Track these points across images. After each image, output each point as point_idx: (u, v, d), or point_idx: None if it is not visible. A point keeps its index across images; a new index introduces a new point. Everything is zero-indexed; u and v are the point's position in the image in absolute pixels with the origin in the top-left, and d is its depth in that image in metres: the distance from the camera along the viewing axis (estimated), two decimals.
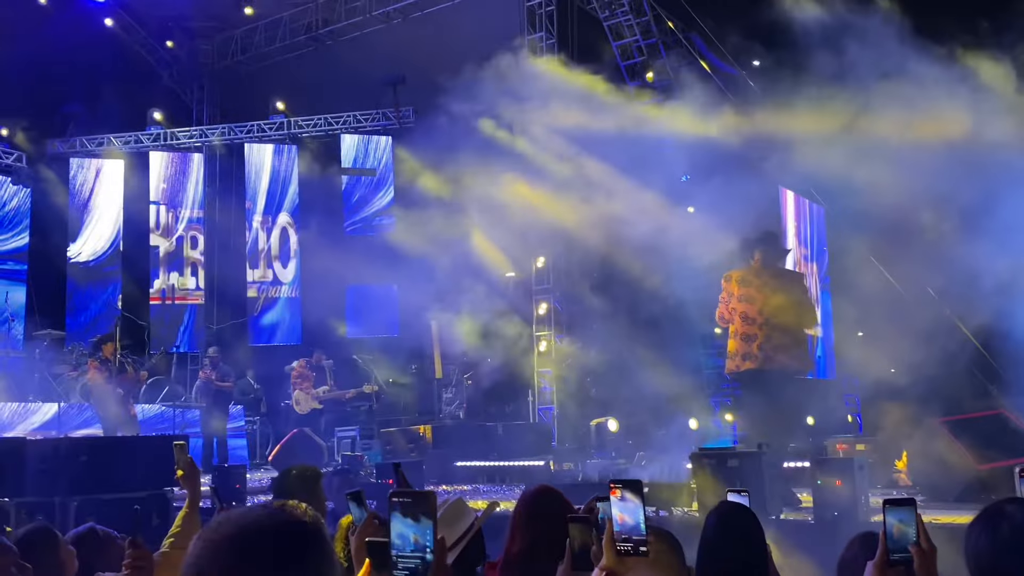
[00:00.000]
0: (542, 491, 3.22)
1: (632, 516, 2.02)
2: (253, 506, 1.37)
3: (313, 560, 1.34)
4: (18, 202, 16.20)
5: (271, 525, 1.33)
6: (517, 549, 3.01)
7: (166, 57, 18.31)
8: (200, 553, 1.29)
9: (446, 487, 9.25)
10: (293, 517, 1.36)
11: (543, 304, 14.18)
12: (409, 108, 16.20)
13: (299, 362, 12.60)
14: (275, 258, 16.87)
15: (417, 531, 1.59)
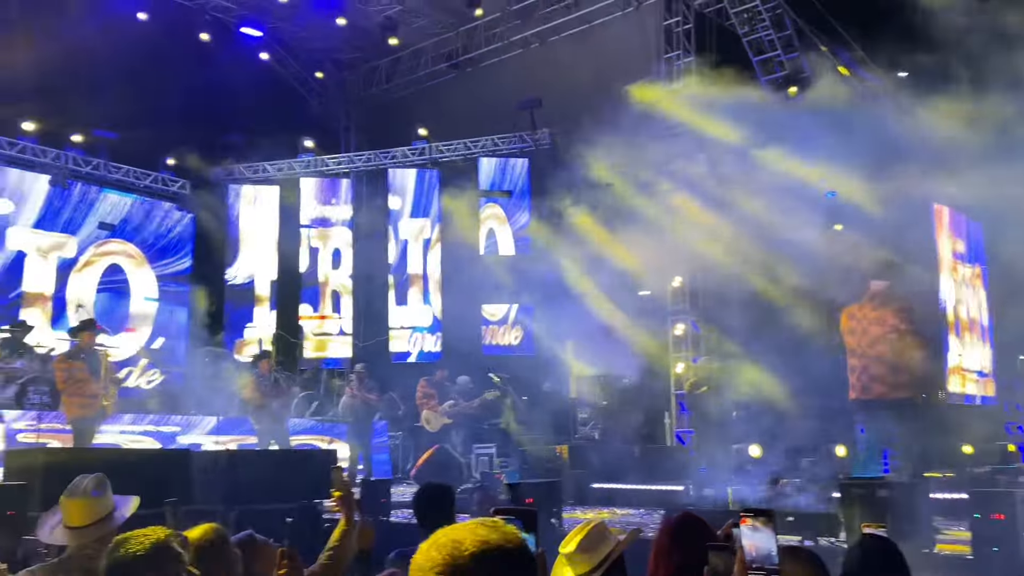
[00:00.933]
0: (686, 517, 3.21)
1: (764, 544, 2.04)
2: (477, 521, 1.45)
3: (531, 572, 1.41)
4: (182, 228, 17.34)
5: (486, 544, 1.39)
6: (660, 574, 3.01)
7: (316, 87, 19.28)
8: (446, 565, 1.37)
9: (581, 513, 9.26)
10: (513, 537, 1.42)
11: (680, 325, 14.02)
12: (545, 130, 16.43)
13: (421, 382, 12.74)
14: (424, 280, 17.41)
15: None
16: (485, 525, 1.42)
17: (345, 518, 3.66)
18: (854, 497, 6.24)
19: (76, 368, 8.61)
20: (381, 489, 7.93)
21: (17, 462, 6.88)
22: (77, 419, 8.61)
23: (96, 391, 8.56)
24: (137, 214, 16.63)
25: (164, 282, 16.81)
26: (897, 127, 10.21)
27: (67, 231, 15.59)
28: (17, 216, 14.94)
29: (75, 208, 15.78)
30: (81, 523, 3.59)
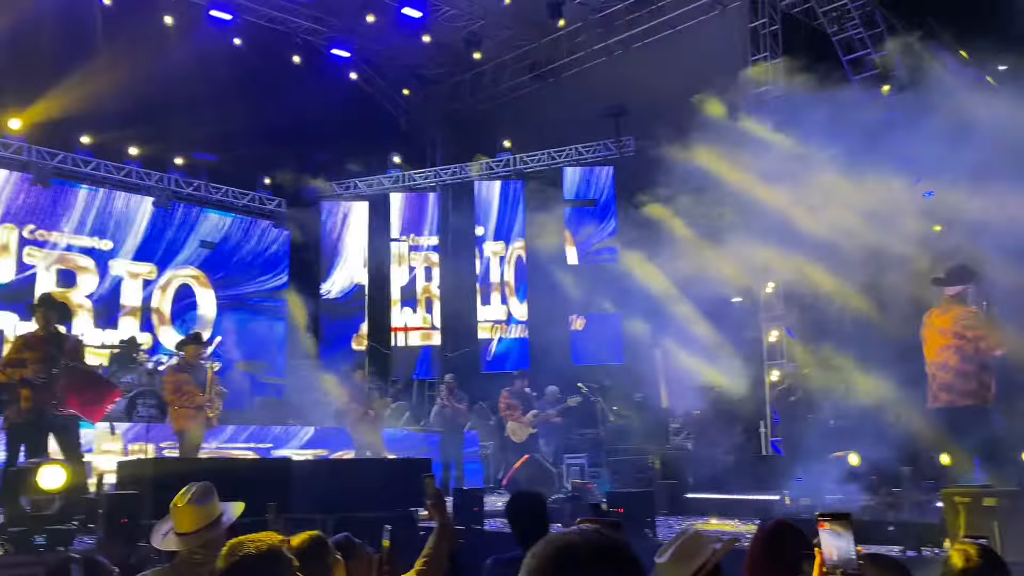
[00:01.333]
0: (780, 526, 3.17)
1: (842, 549, 2.05)
2: (571, 529, 1.49)
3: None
4: (278, 245, 17.95)
5: (595, 546, 1.42)
6: None
7: (403, 104, 19.68)
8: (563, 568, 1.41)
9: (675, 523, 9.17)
10: (612, 540, 1.45)
11: (774, 331, 13.75)
12: (630, 137, 16.36)
13: (503, 394, 12.73)
14: (504, 287, 17.56)
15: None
16: (597, 530, 1.47)
17: (439, 525, 3.73)
18: (958, 506, 6.01)
19: (183, 381, 8.98)
20: (474, 498, 8.00)
21: (129, 472, 7.21)
22: (184, 430, 8.98)
23: (202, 403, 8.92)
24: (236, 232, 17.32)
25: (262, 297, 17.43)
26: (999, 121, 9.80)
27: (170, 250, 16.34)
28: (121, 243, 15.71)
29: (178, 228, 16.52)
30: (189, 529, 3.76)
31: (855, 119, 11.61)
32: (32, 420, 7.14)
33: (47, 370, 7.20)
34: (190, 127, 15.31)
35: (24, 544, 5.52)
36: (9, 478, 6.01)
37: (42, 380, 7.15)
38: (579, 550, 1.41)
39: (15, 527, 5.64)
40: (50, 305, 7.72)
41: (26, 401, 7.14)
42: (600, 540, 1.43)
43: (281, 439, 12.41)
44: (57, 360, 7.30)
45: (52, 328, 7.51)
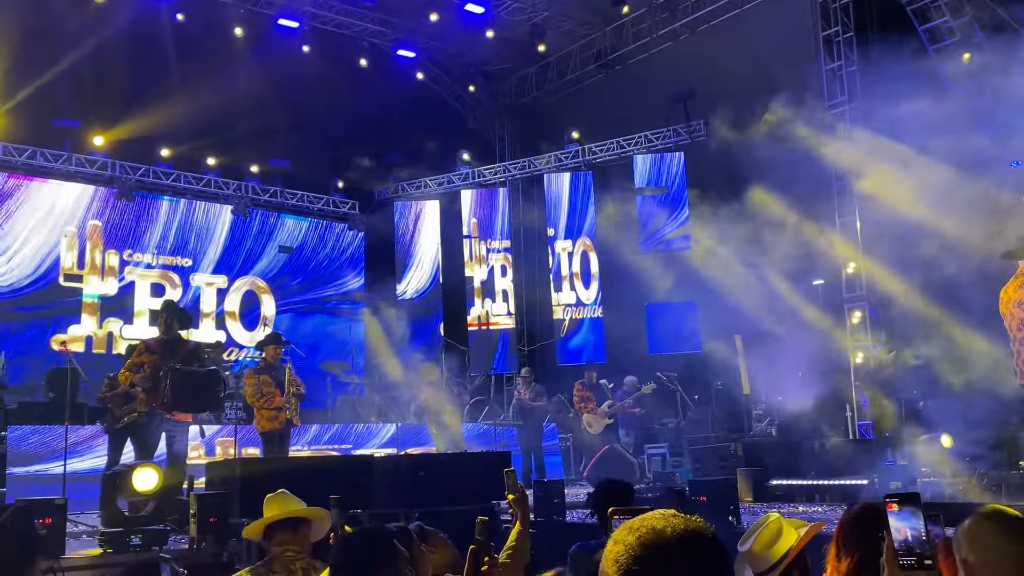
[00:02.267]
0: (866, 509, 3.08)
1: (913, 530, 2.00)
2: (652, 514, 1.47)
3: (727, 563, 1.42)
4: (354, 248, 18.28)
5: (679, 529, 1.41)
6: (842, 569, 2.90)
7: (470, 101, 19.76)
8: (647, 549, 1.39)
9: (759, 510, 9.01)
10: (696, 525, 1.43)
11: (856, 313, 13.38)
12: (700, 121, 16.10)
13: (576, 387, 12.66)
14: (578, 279, 17.51)
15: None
16: (675, 515, 1.44)
17: (520, 519, 3.74)
18: None
19: (263, 382, 9.18)
20: (554, 490, 7.99)
21: (217, 473, 7.43)
22: (266, 431, 9.19)
23: (281, 404, 9.10)
24: (312, 237, 17.71)
25: (339, 300, 17.79)
26: None
27: (249, 259, 16.80)
28: (203, 253, 16.24)
29: (257, 234, 16.97)
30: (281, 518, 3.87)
31: (936, 91, 11.21)
32: (143, 423, 7.38)
33: (158, 375, 7.43)
34: (264, 135, 15.69)
35: (121, 544, 5.73)
36: (106, 481, 6.24)
37: (152, 384, 7.38)
38: (664, 533, 1.39)
39: (112, 528, 5.86)
40: (172, 311, 7.97)
41: (142, 404, 7.41)
42: (684, 524, 1.42)
43: (363, 438, 12.61)
44: (170, 364, 7.52)
45: (172, 333, 7.74)
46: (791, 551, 3.08)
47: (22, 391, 12.33)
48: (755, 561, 3.09)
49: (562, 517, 7.70)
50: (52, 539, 5.44)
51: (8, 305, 13.99)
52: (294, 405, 9.21)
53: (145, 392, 7.39)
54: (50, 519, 5.48)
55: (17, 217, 14.29)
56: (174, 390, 7.43)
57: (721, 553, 1.41)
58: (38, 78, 13.17)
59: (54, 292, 14.52)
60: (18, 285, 14.13)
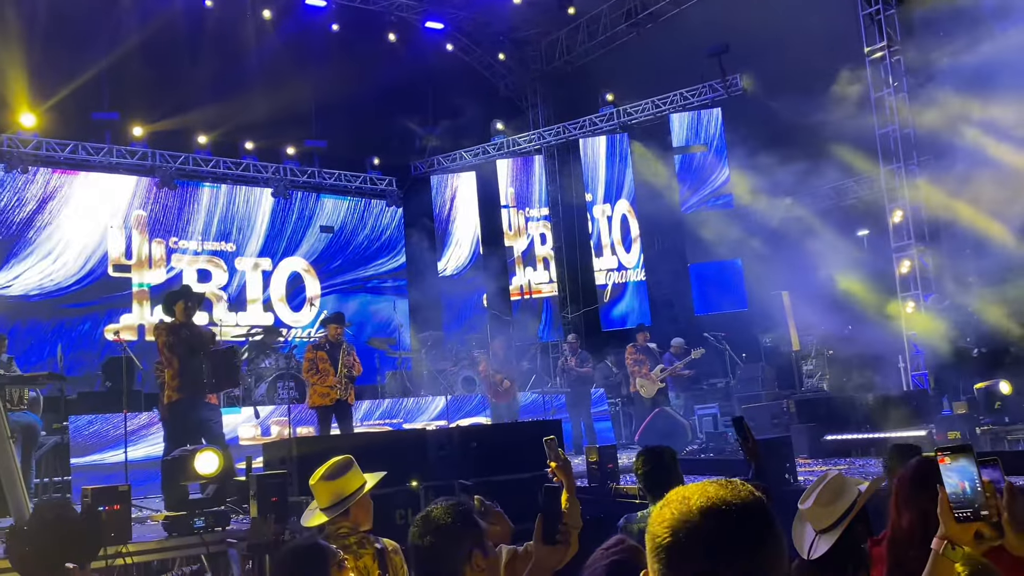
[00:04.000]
0: (927, 462, 3.02)
1: (969, 482, 1.98)
2: (711, 481, 1.41)
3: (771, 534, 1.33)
4: (394, 225, 18.37)
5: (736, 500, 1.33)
6: (904, 524, 2.86)
7: (501, 70, 19.60)
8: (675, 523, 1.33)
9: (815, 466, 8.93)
10: (746, 494, 1.35)
11: (906, 262, 13.13)
12: (736, 76, 15.81)
13: (628, 349, 12.60)
14: (619, 244, 17.40)
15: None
16: (717, 483, 1.36)
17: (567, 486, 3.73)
18: None
19: (319, 358, 9.33)
20: (606, 455, 8.00)
21: (274, 453, 7.54)
22: (316, 407, 9.33)
23: (333, 383, 9.22)
24: (352, 216, 17.85)
25: (382, 279, 17.94)
26: None
27: (292, 240, 16.99)
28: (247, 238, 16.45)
29: (298, 215, 17.14)
30: (328, 504, 3.91)
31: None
32: (180, 410, 7.50)
33: (188, 359, 7.53)
34: (298, 116, 15.76)
35: (185, 527, 5.86)
36: (167, 467, 6.36)
37: (183, 370, 7.48)
38: (688, 504, 1.32)
39: (176, 512, 5.99)
40: (189, 295, 8.05)
41: (173, 392, 7.52)
42: (713, 495, 1.33)
43: (413, 412, 12.72)
44: (197, 350, 7.61)
45: (189, 319, 7.83)
46: (853, 507, 3.05)
47: (79, 382, 12.63)
48: (816, 518, 3.06)
49: (615, 482, 7.71)
50: (119, 525, 5.57)
51: (60, 303, 14.30)
52: (344, 384, 9.32)
53: (178, 379, 7.48)
54: (117, 505, 5.61)
55: (63, 216, 14.55)
56: (216, 373, 7.55)
57: (755, 525, 1.32)
58: (76, 73, 13.32)
59: (104, 284, 14.81)
60: (65, 283, 14.41)
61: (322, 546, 3.03)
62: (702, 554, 1.28)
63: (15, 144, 14.00)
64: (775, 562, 1.31)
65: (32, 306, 14.02)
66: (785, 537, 1.35)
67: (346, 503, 3.90)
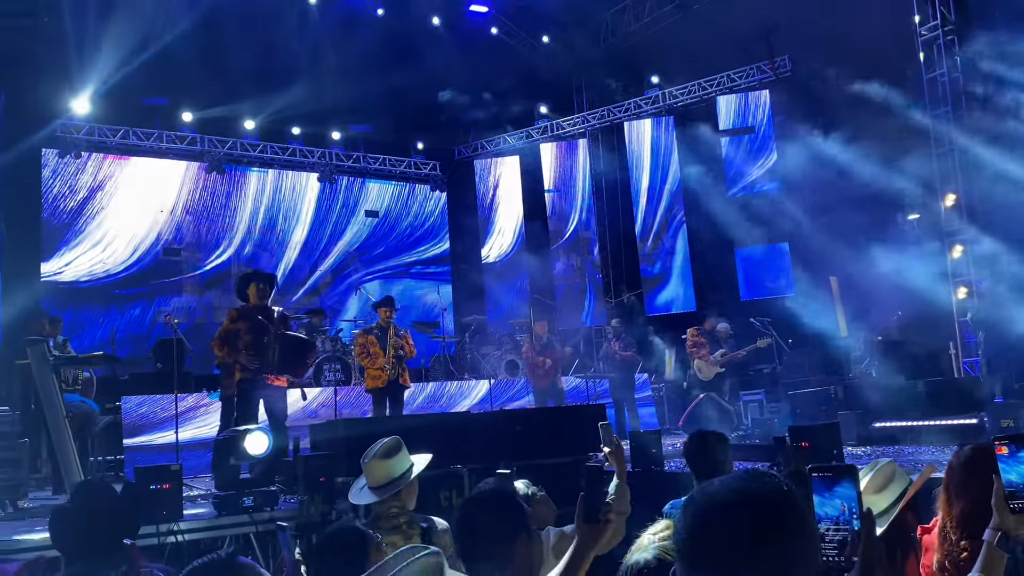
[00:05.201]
0: (979, 449, 2.97)
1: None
2: (734, 474, 1.38)
3: (792, 529, 1.29)
4: (438, 211, 18.46)
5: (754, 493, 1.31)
6: (955, 512, 2.81)
7: (545, 53, 19.48)
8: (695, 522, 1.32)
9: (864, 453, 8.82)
10: (773, 486, 1.32)
11: (957, 247, 12.84)
12: (785, 57, 15.54)
13: (691, 331, 12.52)
14: (664, 229, 17.26)
15: (844, 502, 1.56)
16: (745, 477, 1.33)
17: (617, 471, 3.73)
18: None
19: (370, 342, 9.47)
20: (651, 440, 7.97)
21: (322, 435, 7.65)
22: (370, 389, 9.49)
23: (383, 364, 9.35)
24: (397, 202, 17.98)
25: (425, 265, 18.05)
26: None
27: (339, 222, 17.16)
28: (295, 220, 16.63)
29: (344, 200, 17.30)
30: (379, 483, 3.96)
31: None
32: (245, 390, 7.62)
33: (259, 341, 7.63)
34: (343, 101, 15.84)
35: (234, 506, 5.98)
36: (219, 446, 6.49)
37: (254, 351, 7.59)
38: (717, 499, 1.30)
39: (225, 491, 6.11)
40: (260, 278, 8.16)
41: (240, 372, 7.64)
42: (722, 488, 1.31)
43: (456, 396, 12.80)
44: (268, 330, 7.70)
45: (263, 300, 7.94)
46: (904, 495, 3.01)
47: (132, 363, 12.91)
48: None
49: (659, 467, 7.68)
50: (171, 503, 5.71)
51: (111, 288, 14.62)
52: (393, 365, 9.42)
53: (248, 360, 7.58)
54: (168, 484, 5.74)
55: (114, 202, 14.85)
56: (282, 355, 7.63)
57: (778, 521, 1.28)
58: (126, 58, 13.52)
59: (154, 269, 15.11)
60: (116, 270, 14.74)
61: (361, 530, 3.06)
62: (722, 553, 1.26)
63: (68, 130, 14.30)
64: (802, 557, 1.27)
65: (84, 292, 14.35)
66: (815, 527, 1.31)
67: (398, 484, 3.95)
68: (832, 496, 1.56)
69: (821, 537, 1.52)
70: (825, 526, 1.55)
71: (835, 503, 1.55)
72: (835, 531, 1.53)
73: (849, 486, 1.56)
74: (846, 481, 1.56)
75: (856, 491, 1.56)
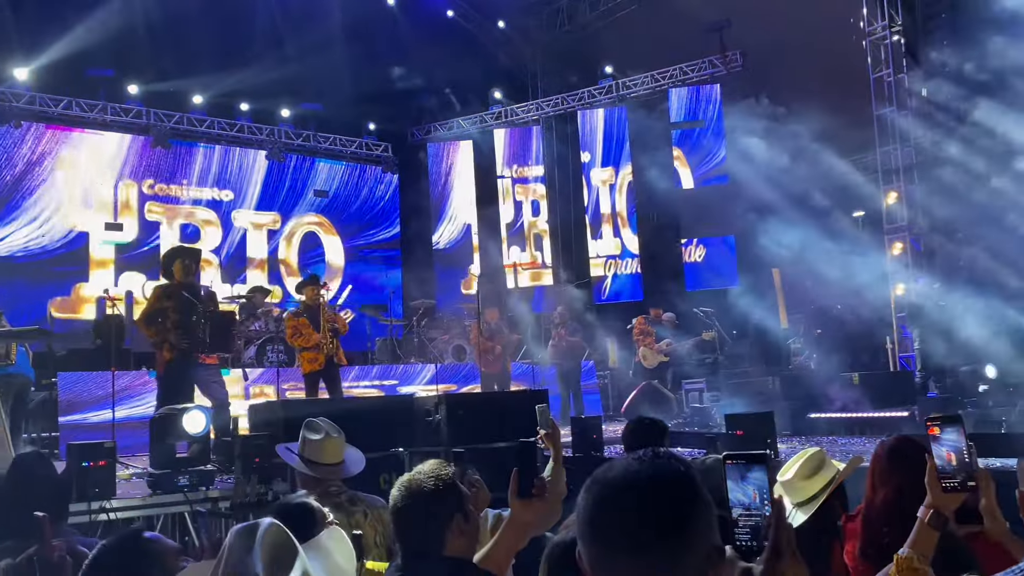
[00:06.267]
0: (902, 440, 3.06)
1: (956, 452, 1.99)
2: (634, 455, 1.39)
3: (696, 509, 1.31)
4: (389, 194, 18.32)
5: (654, 475, 1.32)
6: (879, 500, 2.90)
7: (500, 38, 19.43)
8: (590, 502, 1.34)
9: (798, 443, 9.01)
10: (673, 467, 1.34)
11: (897, 244, 13.15)
12: (736, 52, 15.71)
13: (638, 320, 12.70)
14: (616, 218, 17.36)
15: (756, 488, 1.58)
16: (642, 457, 1.35)
17: (553, 455, 3.76)
18: None
19: (302, 324, 9.29)
20: (592, 426, 8.04)
21: (260, 416, 7.56)
22: (307, 373, 9.32)
23: (318, 340, 9.18)
24: (348, 181, 17.80)
25: (374, 249, 17.91)
26: None
27: (287, 201, 16.93)
28: (242, 196, 16.35)
29: (292, 179, 17.06)
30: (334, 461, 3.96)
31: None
32: (176, 368, 7.49)
33: (187, 319, 7.50)
34: (295, 78, 15.60)
35: (169, 485, 5.90)
36: (155, 425, 6.39)
37: (182, 330, 7.47)
38: (613, 483, 1.32)
39: (160, 470, 6.02)
40: (186, 253, 8.01)
41: (169, 351, 7.51)
42: (611, 471, 1.33)
43: (402, 379, 12.76)
44: (196, 308, 7.58)
45: (189, 277, 7.79)
46: (833, 482, 3.08)
47: (69, 339, 12.61)
48: (794, 491, 3.09)
49: (599, 452, 7.76)
50: (104, 482, 5.61)
51: (49, 264, 14.26)
52: (331, 341, 9.26)
53: (177, 339, 7.46)
54: (103, 462, 5.64)
55: (54, 175, 14.45)
56: (212, 333, 7.53)
57: (678, 501, 1.30)
58: (71, 27, 13.16)
59: (94, 244, 14.75)
60: (53, 246, 14.37)
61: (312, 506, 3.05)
62: (621, 532, 1.28)
63: (7, 97, 13.87)
64: (700, 538, 1.29)
65: (19, 267, 13.96)
66: (711, 506, 1.33)
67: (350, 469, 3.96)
68: (745, 483, 1.58)
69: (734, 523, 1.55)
70: (738, 512, 1.57)
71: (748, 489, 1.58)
72: (747, 517, 1.56)
73: (761, 473, 1.59)
74: (758, 468, 1.59)
75: (768, 478, 1.59)
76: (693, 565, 1.28)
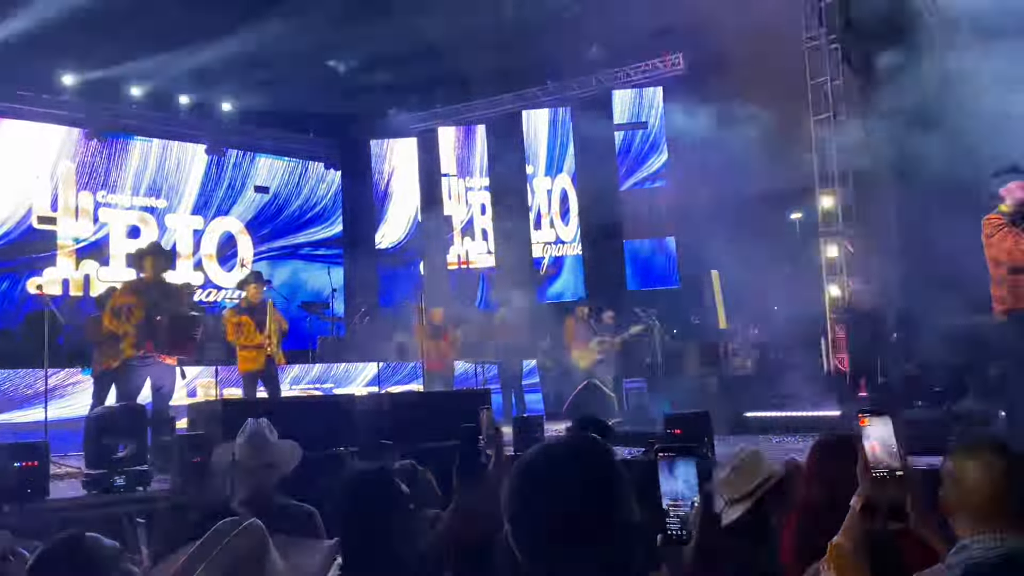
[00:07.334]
0: (833, 438, 3.16)
1: (885, 444, 2.10)
2: (556, 438, 1.49)
3: (611, 477, 1.42)
4: (332, 192, 18.14)
5: (572, 449, 1.44)
6: (812, 496, 2.99)
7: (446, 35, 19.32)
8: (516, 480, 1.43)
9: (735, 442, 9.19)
10: (588, 443, 1.46)
11: (831, 247, 13.47)
12: (678, 55, 15.94)
13: (567, 321, 12.72)
14: (557, 217, 17.48)
15: (684, 481, 1.64)
16: (560, 440, 1.51)
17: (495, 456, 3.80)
18: None
19: (243, 322, 9.16)
20: (534, 425, 8.08)
21: (199, 414, 7.46)
22: (246, 372, 9.19)
23: (261, 341, 9.07)
24: (289, 180, 17.58)
25: (316, 246, 17.73)
26: None
27: (227, 197, 16.66)
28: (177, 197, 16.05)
29: (232, 177, 16.79)
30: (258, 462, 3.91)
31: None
32: (132, 366, 7.36)
33: (151, 317, 7.37)
34: (236, 72, 15.37)
35: (105, 485, 5.78)
36: (90, 424, 6.25)
37: (146, 326, 7.34)
38: (537, 458, 1.42)
39: (96, 470, 5.90)
40: (158, 252, 7.89)
41: (128, 348, 7.38)
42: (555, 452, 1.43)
43: (344, 379, 12.68)
44: (160, 307, 7.46)
45: (159, 275, 7.66)
46: (767, 481, 3.16)
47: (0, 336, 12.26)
48: (729, 487, 3.16)
49: None
50: (36, 482, 5.47)
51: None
52: (275, 342, 9.16)
53: (139, 335, 7.35)
54: (35, 462, 5.50)
55: None
56: (172, 332, 7.43)
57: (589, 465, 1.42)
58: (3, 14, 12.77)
59: (28, 237, 14.35)
60: None
61: None
62: (545, 508, 1.36)
63: None
64: (614, 509, 1.38)
65: None
66: (630, 485, 1.42)
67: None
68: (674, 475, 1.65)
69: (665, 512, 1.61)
70: (667, 502, 1.64)
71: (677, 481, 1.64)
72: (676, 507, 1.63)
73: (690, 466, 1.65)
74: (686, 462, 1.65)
75: (695, 470, 1.66)
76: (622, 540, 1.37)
